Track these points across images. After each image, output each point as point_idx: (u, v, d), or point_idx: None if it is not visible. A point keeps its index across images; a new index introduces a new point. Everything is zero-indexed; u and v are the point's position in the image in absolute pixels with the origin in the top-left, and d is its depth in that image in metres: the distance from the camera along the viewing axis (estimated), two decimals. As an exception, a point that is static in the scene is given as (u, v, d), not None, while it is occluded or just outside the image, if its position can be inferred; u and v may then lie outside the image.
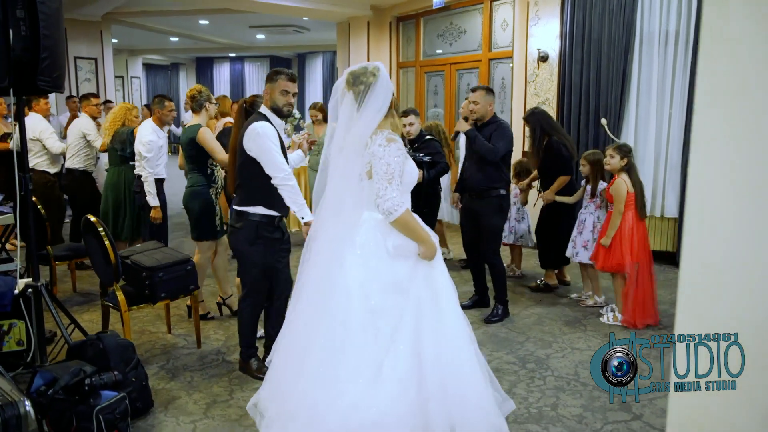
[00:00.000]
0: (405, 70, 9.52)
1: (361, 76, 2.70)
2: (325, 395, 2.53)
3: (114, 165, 5.74)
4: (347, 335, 2.57)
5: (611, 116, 6.39)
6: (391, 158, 2.60)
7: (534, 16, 6.98)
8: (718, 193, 1.28)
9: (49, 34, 2.94)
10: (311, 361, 2.61)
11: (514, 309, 5.00)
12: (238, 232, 3.56)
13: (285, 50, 18.07)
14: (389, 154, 2.61)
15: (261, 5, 8.93)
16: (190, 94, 4.74)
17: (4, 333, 3.55)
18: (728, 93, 1.23)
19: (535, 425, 3.22)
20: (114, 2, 9.99)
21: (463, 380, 2.65)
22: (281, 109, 3.55)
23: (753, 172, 1.21)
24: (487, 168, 4.67)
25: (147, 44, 16.53)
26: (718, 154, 1.25)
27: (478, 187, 4.72)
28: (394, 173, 2.60)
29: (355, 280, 2.62)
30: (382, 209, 2.60)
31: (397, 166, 2.61)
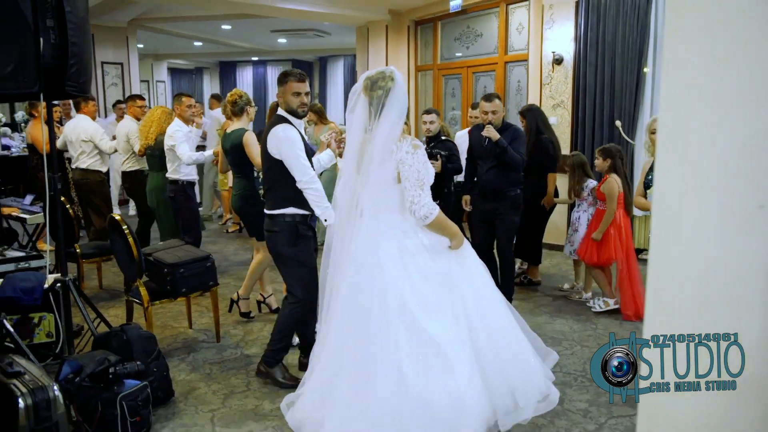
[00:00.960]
0: (423, 74, 9.63)
1: (379, 81, 2.78)
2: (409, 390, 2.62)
3: (155, 170, 5.78)
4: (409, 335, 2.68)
5: (626, 118, 6.43)
6: (420, 164, 2.73)
7: (549, 19, 7.05)
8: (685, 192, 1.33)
9: (77, 41, 3.10)
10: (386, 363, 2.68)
11: (525, 307, 5.08)
12: (276, 235, 3.54)
13: (306, 54, 18.26)
14: (418, 161, 2.73)
15: (282, 10, 9.10)
16: (231, 99, 4.79)
17: (35, 325, 3.74)
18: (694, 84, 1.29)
19: (541, 418, 3.30)
20: (139, 8, 10.25)
21: (513, 346, 2.90)
22: (296, 110, 3.57)
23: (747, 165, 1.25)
24: (507, 172, 4.81)
25: (171, 49, 16.85)
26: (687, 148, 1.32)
27: (499, 189, 4.84)
28: (424, 179, 2.74)
29: (404, 280, 2.75)
30: (420, 215, 2.74)
31: (425, 171, 2.75)
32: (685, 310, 1.42)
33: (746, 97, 1.20)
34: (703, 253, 1.32)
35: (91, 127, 6.35)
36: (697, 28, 1.27)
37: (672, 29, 1.31)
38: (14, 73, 2.72)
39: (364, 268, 2.81)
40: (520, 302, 5.17)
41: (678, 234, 1.34)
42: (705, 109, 1.29)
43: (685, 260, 1.35)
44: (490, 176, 4.87)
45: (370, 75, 2.82)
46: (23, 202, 5.77)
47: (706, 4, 1.25)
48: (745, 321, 1.38)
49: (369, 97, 2.78)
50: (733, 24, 1.21)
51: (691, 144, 1.32)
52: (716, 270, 1.32)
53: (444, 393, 2.63)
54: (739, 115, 1.22)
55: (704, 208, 1.31)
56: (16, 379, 2.67)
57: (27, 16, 2.73)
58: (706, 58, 1.27)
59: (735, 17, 1.21)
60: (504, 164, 4.76)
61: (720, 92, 1.26)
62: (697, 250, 1.33)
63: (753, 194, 1.23)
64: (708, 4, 1.25)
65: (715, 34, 1.26)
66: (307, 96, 3.62)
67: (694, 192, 1.32)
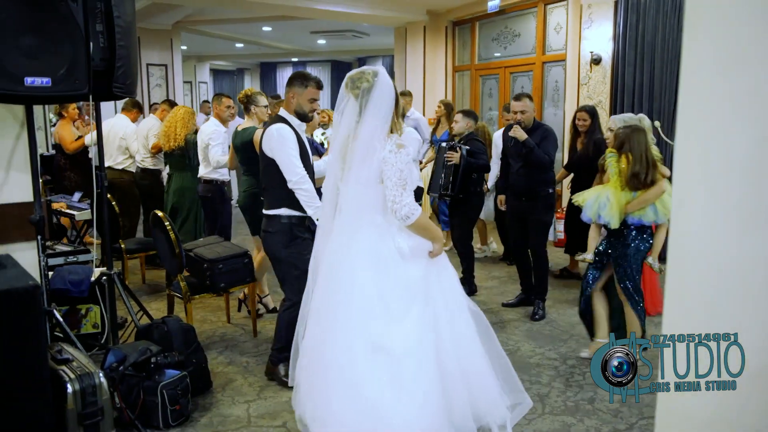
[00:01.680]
0: (461, 74, 9.65)
1: (357, 81, 2.74)
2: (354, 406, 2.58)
3: (180, 170, 5.86)
4: (367, 341, 2.62)
5: (665, 119, 6.35)
6: (402, 164, 2.64)
7: (587, 19, 7.01)
8: (702, 191, 1.35)
9: (124, 44, 3.24)
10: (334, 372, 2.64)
11: (559, 308, 5.08)
12: (272, 236, 3.54)
13: (345, 55, 18.41)
14: (400, 160, 2.65)
15: (322, 12, 9.22)
16: (240, 97, 4.90)
17: (82, 316, 3.91)
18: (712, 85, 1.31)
19: (571, 417, 3.32)
20: (183, 12, 10.52)
21: (480, 368, 2.78)
22: (307, 114, 3.60)
23: (755, 168, 1.26)
24: (537, 172, 4.82)
25: (214, 51, 17.18)
26: (703, 148, 1.35)
27: (530, 189, 4.87)
28: (406, 179, 2.66)
29: (371, 286, 2.66)
30: (400, 215, 2.65)
31: (408, 172, 2.67)
32: (701, 309, 1.44)
33: (761, 98, 1.23)
34: (716, 253, 1.34)
35: (129, 128, 6.54)
36: (714, 30, 1.30)
37: (690, 31, 1.34)
38: (66, 75, 2.87)
39: (333, 269, 2.76)
40: (555, 303, 5.17)
41: (695, 234, 1.37)
42: (721, 111, 1.31)
43: (700, 260, 1.37)
44: (519, 176, 4.91)
45: (352, 74, 2.79)
46: (72, 198, 6.00)
47: (723, 6, 1.28)
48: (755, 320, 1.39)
49: (354, 96, 2.74)
50: (749, 26, 1.23)
51: (708, 145, 1.34)
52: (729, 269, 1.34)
53: (397, 412, 2.55)
54: (755, 117, 1.25)
55: (719, 209, 1.33)
56: (65, 366, 2.82)
57: (79, 22, 2.88)
58: (722, 60, 1.29)
59: (751, 20, 1.23)
60: (531, 164, 4.77)
61: (735, 94, 1.27)
62: (711, 250, 1.35)
63: (766, 195, 1.25)
64: (725, 7, 1.28)
65: (731, 37, 1.28)
66: (317, 104, 3.70)
67: (709, 192, 1.34)
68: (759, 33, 1.22)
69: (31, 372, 2.49)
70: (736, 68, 1.29)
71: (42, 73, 2.74)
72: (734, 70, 1.29)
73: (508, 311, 5.07)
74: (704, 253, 1.35)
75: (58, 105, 6.73)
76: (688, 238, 1.38)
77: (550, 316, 4.92)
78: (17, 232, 3.18)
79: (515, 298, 5.21)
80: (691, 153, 1.36)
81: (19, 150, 3.21)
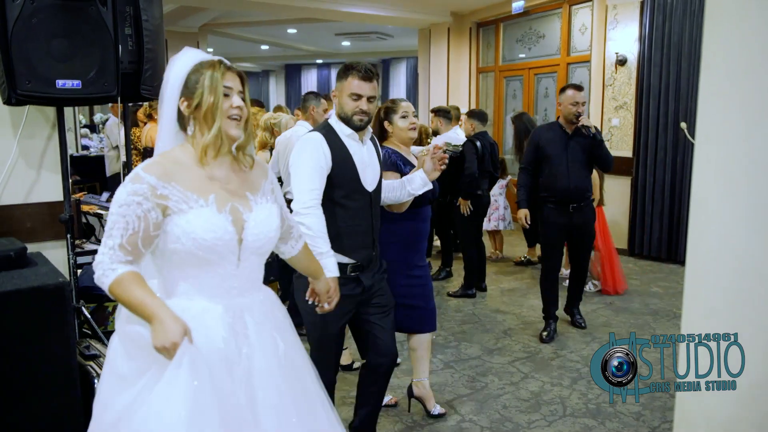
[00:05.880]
0: (484, 75, 9.64)
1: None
2: None
3: None
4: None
5: (691, 120, 6.27)
6: (115, 205, 1.67)
7: (613, 19, 6.96)
8: (719, 193, 1.36)
9: (152, 47, 3.30)
10: None
11: (582, 309, 5.06)
12: (298, 281, 2.60)
13: (369, 56, 18.47)
14: (115, 199, 1.68)
15: (346, 14, 9.28)
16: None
17: (109, 314, 3.99)
18: (732, 87, 1.32)
19: (592, 420, 3.31)
20: (210, 14, 10.65)
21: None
22: (350, 118, 2.56)
23: (756, 173, 1.27)
24: (586, 173, 4.36)
25: (239, 52, 17.36)
26: (722, 153, 1.36)
27: (580, 195, 4.32)
28: (113, 228, 1.66)
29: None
30: (94, 268, 1.71)
31: (125, 220, 1.64)
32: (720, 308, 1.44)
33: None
34: (735, 253, 1.34)
35: None
36: (733, 32, 1.30)
37: (709, 34, 1.35)
38: (96, 77, 2.93)
39: None
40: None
41: (714, 234, 1.37)
42: (740, 113, 1.31)
43: (719, 260, 1.37)
44: (575, 179, 4.26)
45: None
46: (100, 199, 6.12)
47: (743, 9, 1.28)
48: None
49: None
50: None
51: (727, 147, 1.34)
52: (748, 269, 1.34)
53: None
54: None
55: (737, 209, 1.33)
56: (92, 361, 2.88)
57: (108, 26, 2.94)
58: (741, 63, 1.30)
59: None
60: (597, 162, 4.31)
61: (754, 96, 1.28)
62: (730, 250, 1.35)
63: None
64: (744, 10, 1.28)
65: (750, 39, 1.28)
66: (371, 102, 2.59)
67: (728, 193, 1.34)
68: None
69: (61, 366, 2.56)
70: (755, 71, 1.29)
71: (73, 75, 2.81)
72: (753, 73, 1.29)
73: (529, 312, 5.06)
74: (723, 253, 1.35)
75: (147, 106, 6.75)
76: (707, 239, 1.38)
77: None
78: (48, 231, 3.26)
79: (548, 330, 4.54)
80: (710, 155, 1.37)
81: (49, 150, 3.29)
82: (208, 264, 1.72)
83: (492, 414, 3.39)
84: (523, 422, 3.29)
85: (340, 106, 2.61)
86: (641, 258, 6.80)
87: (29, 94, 2.73)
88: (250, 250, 1.78)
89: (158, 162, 1.72)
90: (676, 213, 6.54)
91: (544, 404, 3.49)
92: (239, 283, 1.79)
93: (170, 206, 1.67)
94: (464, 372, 3.95)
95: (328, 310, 2.37)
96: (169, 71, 1.79)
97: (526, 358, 4.16)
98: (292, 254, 2.15)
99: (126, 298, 1.63)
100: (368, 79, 2.56)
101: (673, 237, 6.59)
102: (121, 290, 1.64)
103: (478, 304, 5.37)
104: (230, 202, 1.75)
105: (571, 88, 4.31)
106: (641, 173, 6.78)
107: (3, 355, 2.40)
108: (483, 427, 3.26)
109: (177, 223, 1.67)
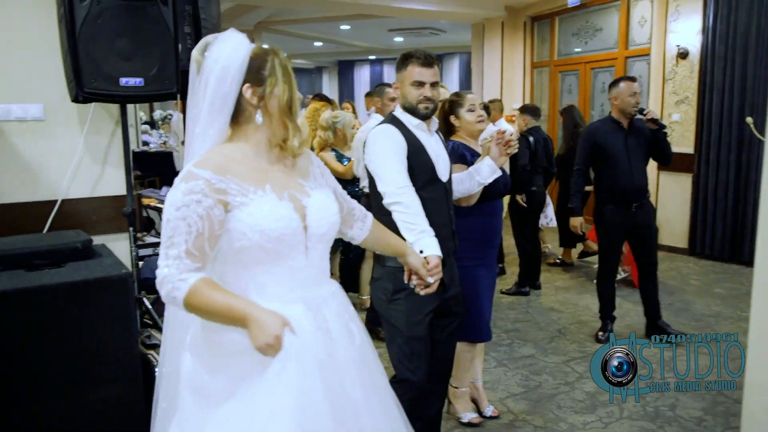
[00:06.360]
0: (539, 70, 9.48)
1: (204, 47, 1.66)
2: None
3: None
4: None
5: (758, 115, 6.02)
6: (175, 207, 1.52)
7: (674, 11, 6.75)
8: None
9: (210, 45, 3.39)
10: None
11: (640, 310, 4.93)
12: (375, 284, 2.57)
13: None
14: (176, 201, 1.53)
15: (400, 10, 9.28)
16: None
17: (168, 305, 4.10)
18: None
19: (650, 423, 3.23)
20: (265, 12, 10.83)
21: None
22: (416, 107, 2.51)
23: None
24: (645, 169, 4.17)
25: (293, 49, 17.56)
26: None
27: (641, 192, 4.15)
28: (176, 231, 1.52)
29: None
30: (159, 287, 1.54)
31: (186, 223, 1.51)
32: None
33: None
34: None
35: None
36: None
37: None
38: (157, 75, 3.01)
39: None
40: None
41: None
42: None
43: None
44: (636, 176, 4.08)
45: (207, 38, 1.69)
46: (160, 193, 6.30)
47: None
48: None
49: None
50: None
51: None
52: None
53: None
54: None
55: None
56: (153, 351, 2.97)
57: (169, 24, 3.02)
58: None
59: None
60: (649, 158, 4.14)
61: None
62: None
63: None
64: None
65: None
66: (435, 88, 2.53)
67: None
68: None
69: (124, 355, 2.64)
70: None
71: (135, 73, 2.89)
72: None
73: (584, 311, 4.96)
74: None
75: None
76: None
77: (628, 318, 4.79)
78: (111, 224, 3.37)
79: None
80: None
81: (113, 146, 3.40)
82: (279, 257, 1.62)
83: (546, 413, 3.35)
84: (579, 423, 3.24)
85: (403, 97, 2.55)
86: (702, 258, 6.58)
87: (95, 92, 2.83)
88: (315, 237, 1.69)
89: (209, 157, 1.60)
90: (741, 212, 6.30)
91: (600, 406, 3.42)
92: (311, 275, 1.70)
93: (230, 201, 1.56)
94: (518, 370, 3.91)
95: (432, 290, 2.15)
96: (219, 51, 1.59)
97: (581, 358, 4.09)
98: (364, 236, 1.99)
99: (207, 306, 1.50)
100: (429, 64, 2.51)
101: (737, 237, 6.35)
102: (199, 300, 1.50)
103: (532, 302, 5.30)
104: (286, 190, 1.66)
105: (624, 80, 4.14)
106: (703, 170, 6.56)
107: (70, 343, 2.50)
108: (537, 426, 3.22)
109: (239, 218, 1.57)
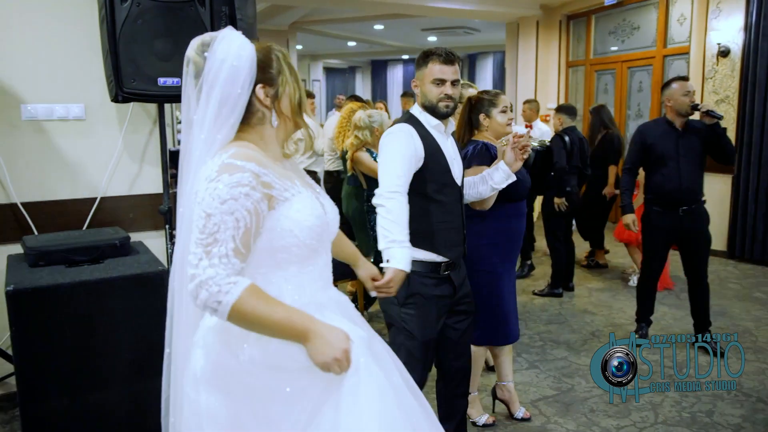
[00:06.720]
0: (574, 69, 9.37)
1: (201, 47, 1.60)
2: None
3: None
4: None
5: (801, 114, 5.88)
6: (218, 203, 1.37)
7: (715, 8, 6.60)
8: None
9: (246, 45, 3.43)
10: None
11: (680, 312, 4.85)
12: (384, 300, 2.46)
13: (456, 51, 18.34)
14: (216, 196, 1.38)
15: (434, 9, 9.26)
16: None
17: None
18: None
19: (686, 429, 3.16)
20: (300, 12, 10.91)
21: None
22: (436, 105, 2.44)
23: None
24: (700, 171, 4.02)
25: (327, 49, 17.67)
26: None
27: (693, 195, 4.02)
28: (219, 231, 1.37)
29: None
30: (194, 295, 1.35)
31: (234, 218, 1.38)
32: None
33: None
34: None
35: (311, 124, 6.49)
36: None
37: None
38: (194, 75, 3.07)
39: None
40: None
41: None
42: None
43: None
44: (686, 179, 3.95)
45: (204, 37, 1.63)
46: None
47: None
48: None
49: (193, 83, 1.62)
50: None
51: None
52: None
53: None
54: None
55: None
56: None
57: (206, 25, 3.06)
58: None
59: None
60: (705, 160, 4.01)
61: None
62: None
63: None
64: None
65: None
66: (455, 86, 2.48)
67: None
68: None
69: (158, 350, 2.69)
70: None
71: (173, 73, 2.94)
72: None
73: (618, 314, 4.89)
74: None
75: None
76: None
77: (663, 321, 4.71)
78: (148, 221, 3.44)
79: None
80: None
81: (151, 145, 3.47)
82: (315, 254, 1.54)
83: (578, 417, 3.30)
84: (612, 427, 3.18)
85: (423, 95, 2.49)
86: (742, 261, 6.43)
87: (134, 92, 2.89)
88: (333, 233, 1.65)
89: (242, 151, 1.46)
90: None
91: (635, 410, 3.36)
92: (329, 273, 1.66)
93: (275, 195, 1.46)
94: (550, 372, 3.87)
95: (388, 295, 2.16)
96: (225, 51, 1.51)
97: (615, 361, 4.02)
98: None
99: (262, 317, 1.34)
100: (450, 62, 2.47)
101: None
102: (253, 308, 1.33)
103: (564, 303, 5.24)
104: (305, 188, 1.59)
105: (676, 80, 4.07)
106: (744, 171, 6.39)
107: (106, 336, 2.56)
108: (569, 429, 3.18)
109: (285, 214, 1.47)
